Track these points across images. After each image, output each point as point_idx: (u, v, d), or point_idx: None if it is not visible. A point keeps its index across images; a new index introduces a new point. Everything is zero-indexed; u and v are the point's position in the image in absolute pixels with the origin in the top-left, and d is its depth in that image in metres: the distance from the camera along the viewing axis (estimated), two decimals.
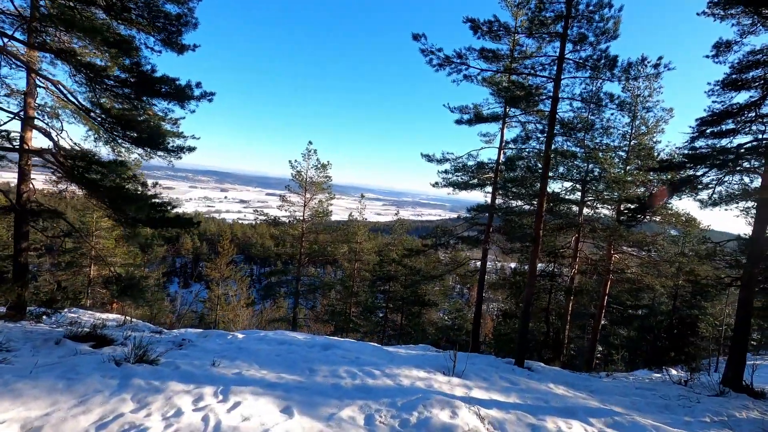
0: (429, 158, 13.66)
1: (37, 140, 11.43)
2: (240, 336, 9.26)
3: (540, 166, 11.45)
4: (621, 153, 14.95)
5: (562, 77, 8.09)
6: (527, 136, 8.81)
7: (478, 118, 10.64)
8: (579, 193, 14.22)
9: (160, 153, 8.13)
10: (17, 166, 10.01)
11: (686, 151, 8.62)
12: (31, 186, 10.08)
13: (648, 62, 7.27)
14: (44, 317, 9.59)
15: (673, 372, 12.56)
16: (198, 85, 6.84)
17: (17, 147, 7.77)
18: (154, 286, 21.14)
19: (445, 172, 14.08)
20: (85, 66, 7.13)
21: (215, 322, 27.22)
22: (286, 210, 20.88)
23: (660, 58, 7.22)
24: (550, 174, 11.32)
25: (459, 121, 10.97)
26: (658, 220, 15.05)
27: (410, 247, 18.69)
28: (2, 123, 9.72)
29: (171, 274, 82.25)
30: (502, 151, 13.34)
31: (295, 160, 19.96)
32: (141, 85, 6.44)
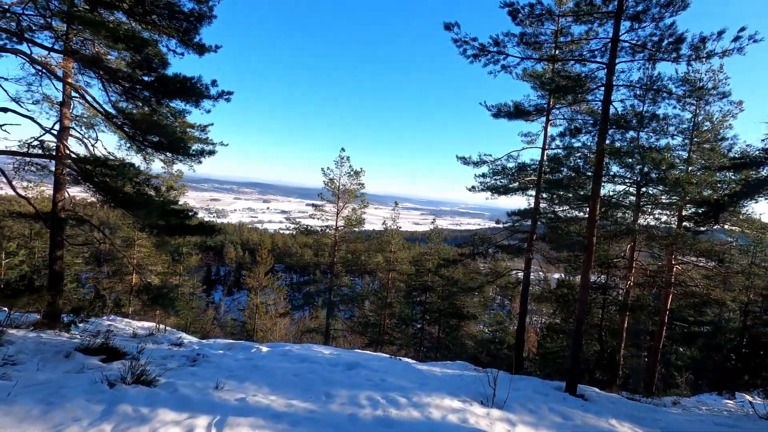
0: (465, 161, 12.78)
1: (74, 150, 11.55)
2: (264, 350, 8.78)
3: (588, 167, 10.31)
4: (681, 152, 13.40)
5: (617, 61, 7.07)
6: (577, 129, 7.79)
7: (518, 110, 9.71)
8: (633, 197, 12.82)
9: (180, 157, 7.87)
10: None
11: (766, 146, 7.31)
12: (66, 195, 10.21)
13: (723, 35, 6.12)
14: (73, 326, 9.56)
15: (749, 398, 10.82)
16: (214, 83, 6.49)
17: (47, 154, 7.69)
18: (189, 295, 21.38)
19: (483, 175, 13.13)
20: (104, 69, 6.98)
21: (254, 330, 27.35)
22: (319, 219, 20.57)
23: (743, 29, 6.06)
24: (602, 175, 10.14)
25: (497, 114, 10.08)
26: (727, 227, 13.32)
27: (447, 256, 17.74)
28: (41, 134, 9.89)
29: (216, 282, 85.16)
30: (545, 152, 12.24)
31: (328, 168, 19.65)
32: (155, 85, 6.14)
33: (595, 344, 14.28)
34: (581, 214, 11.76)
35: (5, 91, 7.41)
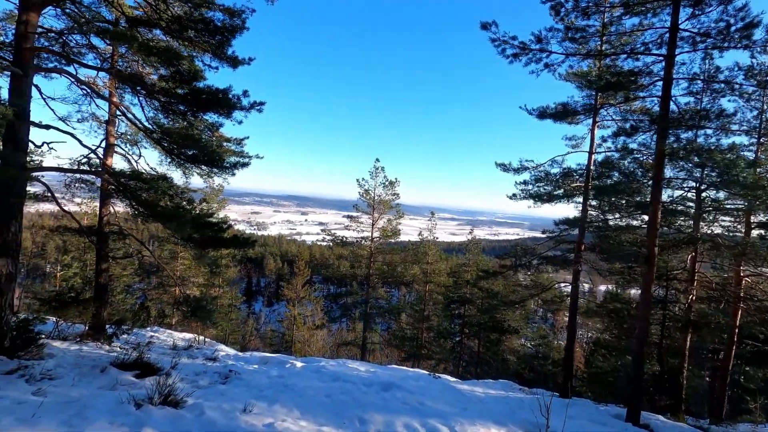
0: (505, 168, 12.15)
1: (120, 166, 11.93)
2: (298, 365, 8.55)
3: (644, 170, 9.46)
4: (746, 153, 12.14)
5: (676, 52, 6.38)
6: (633, 127, 7.07)
7: (565, 110, 9.07)
8: (692, 203, 11.69)
9: (215, 170, 7.88)
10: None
11: None
12: (111, 210, 10.55)
13: None
14: (116, 337, 9.75)
15: None
16: (245, 93, 6.41)
17: (89, 170, 7.89)
18: (228, 306, 21.73)
19: (524, 183, 12.42)
20: (143, 86, 7.10)
21: (292, 342, 27.46)
22: (354, 230, 20.41)
23: None
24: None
25: (542, 115, 9.46)
26: None
27: (485, 268, 17.00)
28: (90, 152, 10.30)
29: (256, 293, 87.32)
30: (592, 156, 11.41)
31: (363, 179, 19.49)
32: (187, 98, 6.13)
33: (654, 364, 13.05)
34: (635, 222, 10.82)
35: (52, 110, 7.70)
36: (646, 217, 9.41)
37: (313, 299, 29.79)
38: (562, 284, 14.76)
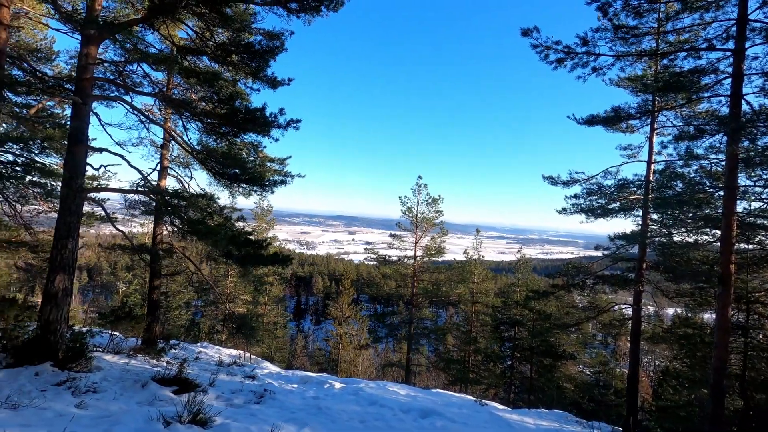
0: (553, 181, 11.47)
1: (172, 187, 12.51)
2: (337, 387, 8.34)
3: (711, 180, 8.50)
4: None
5: (746, 46, 5.71)
6: (699, 129, 6.31)
7: (617, 116, 8.37)
8: None
9: (255, 188, 8.05)
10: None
11: None
12: (164, 229, 11.10)
13: None
14: (165, 352, 10.08)
15: None
16: (281, 111, 6.50)
17: (139, 190, 8.33)
18: (273, 324, 22.08)
19: (575, 196, 11.65)
20: (190, 110, 7.44)
21: (338, 361, 27.40)
22: (397, 248, 20.19)
23: None
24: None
25: (591, 122, 8.81)
26: None
27: (536, 288, 16.04)
28: (148, 173, 10.96)
29: (305, 311, 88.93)
30: (651, 165, 10.48)
31: (405, 196, 19.36)
32: (225, 118, 6.32)
33: (736, 399, 11.47)
34: (706, 237, 9.71)
35: (110, 135, 8.26)
36: (718, 232, 8.41)
37: (359, 318, 29.71)
38: (623, 306, 13.55)
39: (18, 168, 7.21)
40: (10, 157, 9.10)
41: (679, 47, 6.74)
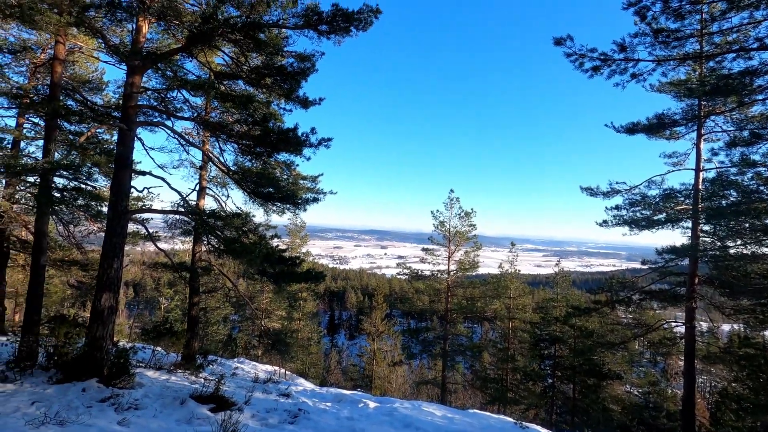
0: (591, 192, 11.01)
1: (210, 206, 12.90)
2: (371, 406, 8.19)
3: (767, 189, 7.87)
4: None
5: None
6: (755, 134, 5.84)
7: (661, 123, 7.91)
8: None
9: (288, 206, 8.18)
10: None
11: None
12: (203, 247, 11.46)
13: None
14: (203, 368, 10.29)
15: None
16: (313, 131, 6.62)
17: (178, 210, 8.65)
18: (307, 340, 22.18)
19: (616, 208, 11.11)
20: (226, 132, 7.71)
21: (371, 377, 27.14)
22: (430, 263, 19.94)
23: None
24: None
25: (632, 130, 8.38)
26: None
27: (576, 303, 15.32)
28: (187, 194, 11.39)
29: (338, 326, 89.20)
30: (701, 173, 9.86)
31: (437, 210, 19.18)
32: (258, 139, 6.49)
33: None
34: (767, 249, 8.98)
35: (152, 159, 8.67)
36: None
37: (392, 334, 29.42)
38: (673, 323, 12.69)
39: (70, 192, 7.65)
40: (64, 182, 9.75)
41: (726, 48, 6.35)
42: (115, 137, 9.18)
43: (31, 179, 9.91)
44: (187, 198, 9.86)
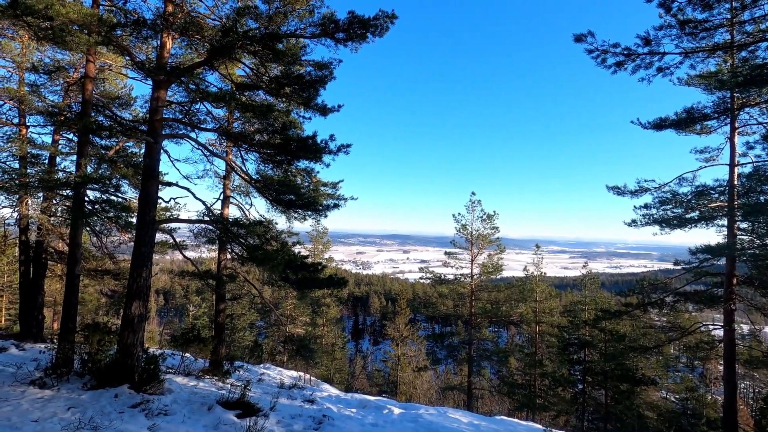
0: (619, 191, 10.67)
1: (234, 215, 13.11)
2: (396, 412, 8.14)
3: None
4: None
5: None
6: None
7: (690, 117, 7.57)
8: None
9: (309, 213, 8.26)
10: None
11: None
12: (228, 255, 11.69)
13: None
14: (230, 374, 10.45)
15: None
16: (332, 138, 6.67)
17: (203, 219, 8.85)
18: (331, 345, 22.26)
19: (645, 207, 10.72)
20: (248, 142, 7.86)
21: (396, 383, 27.01)
22: (453, 267, 19.72)
23: None
24: None
25: (659, 126, 8.06)
26: None
27: (606, 306, 14.83)
28: (211, 204, 11.67)
29: (362, 331, 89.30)
30: (735, 168, 9.40)
31: (459, 213, 18.99)
32: (279, 147, 6.58)
33: None
34: None
35: (178, 170, 8.93)
36: None
37: (416, 339, 29.22)
38: (711, 326, 12.12)
39: (101, 204, 7.95)
40: (97, 194, 10.15)
41: (760, 37, 6.05)
42: (143, 150, 9.52)
43: (65, 193, 10.35)
44: (212, 207, 10.09)
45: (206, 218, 7.45)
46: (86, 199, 8.11)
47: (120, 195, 10.05)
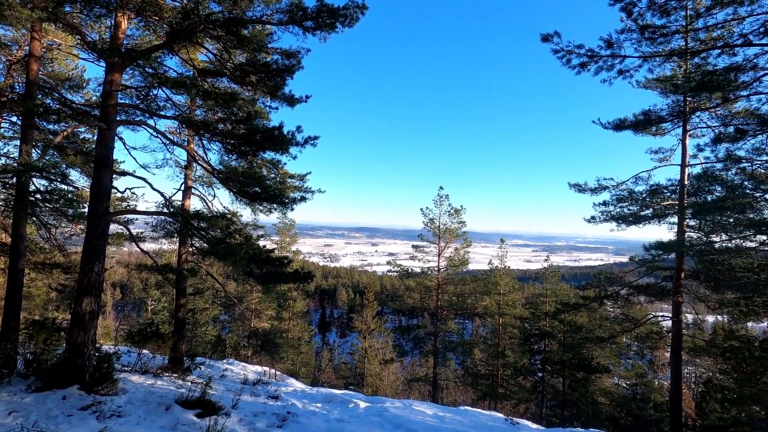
0: (580, 188, 11.07)
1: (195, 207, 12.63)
2: (362, 406, 8.13)
3: (753, 183, 7.97)
4: None
5: None
6: (740, 130, 5.92)
7: (647, 119, 7.98)
8: None
9: (275, 206, 8.05)
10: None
11: None
12: (188, 248, 11.24)
13: None
14: (190, 371, 10.10)
15: None
16: (299, 129, 6.50)
17: (161, 212, 8.46)
18: (297, 339, 22.03)
19: (604, 204, 11.18)
20: (209, 131, 7.54)
21: (363, 375, 27.09)
22: (420, 260, 19.92)
23: None
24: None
25: (619, 126, 8.43)
26: None
27: (566, 299, 15.43)
28: (171, 195, 11.15)
29: (330, 324, 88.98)
30: (686, 169, 9.95)
31: (427, 208, 19.16)
32: (243, 137, 6.35)
33: None
34: (751, 243, 9.10)
35: (134, 158, 8.48)
36: (764, 237, 7.86)
37: (383, 331, 29.39)
38: (660, 317, 12.85)
39: (47, 194, 7.42)
40: (45, 183, 9.47)
41: (711, 45, 6.38)
42: (96, 137, 8.95)
43: (6, 180, 9.58)
44: (172, 198, 9.64)
45: (165, 210, 7.10)
46: (31, 188, 7.54)
47: (69, 184, 9.42)
